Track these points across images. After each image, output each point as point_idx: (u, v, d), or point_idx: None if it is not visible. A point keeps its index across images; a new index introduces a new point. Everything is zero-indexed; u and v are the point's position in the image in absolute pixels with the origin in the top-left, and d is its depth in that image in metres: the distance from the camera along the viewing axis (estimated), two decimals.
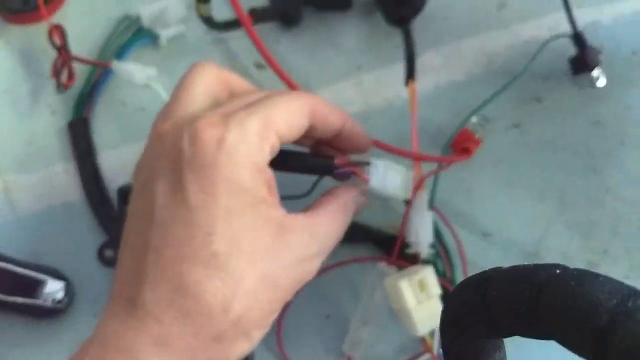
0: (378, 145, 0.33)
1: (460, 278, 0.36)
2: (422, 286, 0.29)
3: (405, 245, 0.32)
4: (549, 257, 0.38)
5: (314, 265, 0.25)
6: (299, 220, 0.25)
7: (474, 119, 0.39)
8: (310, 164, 0.29)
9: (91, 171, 0.38)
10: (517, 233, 0.38)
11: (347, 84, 0.43)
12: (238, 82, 0.29)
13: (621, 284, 0.14)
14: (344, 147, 0.30)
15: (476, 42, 0.45)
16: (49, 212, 0.39)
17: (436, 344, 0.31)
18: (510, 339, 0.17)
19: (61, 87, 0.40)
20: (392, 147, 0.33)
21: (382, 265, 0.32)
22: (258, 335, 0.24)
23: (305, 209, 0.27)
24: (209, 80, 0.27)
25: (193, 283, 0.21)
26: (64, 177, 0.40)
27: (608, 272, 0.37)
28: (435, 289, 0.30)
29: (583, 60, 0.43)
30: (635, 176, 0.40)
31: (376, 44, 0.45)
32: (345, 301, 0.36)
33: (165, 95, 0.39)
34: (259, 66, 0.43)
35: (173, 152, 0.23)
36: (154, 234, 0.22)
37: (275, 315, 0.24)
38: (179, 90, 0.27)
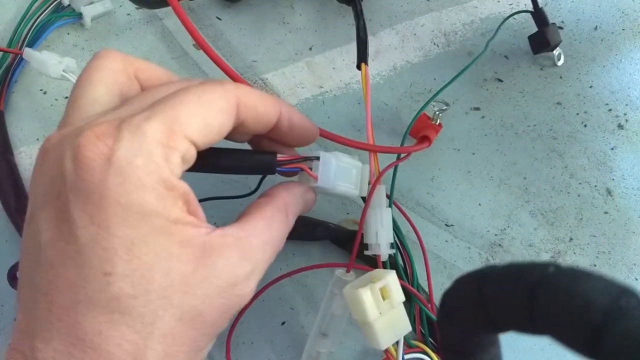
0: (328, 136, 0.29)
1: (422, 274, 0.33)
2: (385, 294, 0.26)
3: (364, 246, 0.30)
4: (514, 248, 0.36)
5: (248, 288, 0.21)
6: (227, 236, 0.20)
7: (433, 104, 0.37)
8: (248, 164, 0.25)
9: (7, 171, 0.33)
10: (480, 223, 0.36)
11: (297, 65, 0.39)
12: (152, 71, 0.24)
13: (613, 281, 0.14)
14: (286, 140, 0.26)
15: (433, 19, 0.42)
16: None
17: (400, 354, 0.28)
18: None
19: None
20: (344, 138, 0.29)
21: (340, 272, 0.29)
22: None
23: (237, 218, 0.23)
24: (113, 74, 0.22)
25: (92, 333, 0.17)
26: None
27: (574, 261, 0.35)
28: (399, 296, 0.27)
29: (544, 38, 0.40)
30: (598, 159, 0.38)
31: (328, 22, 0.41)
32: (301, 306, 0.33)
33: None
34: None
35: (56, 175, 0.19)
36: (42, 277, 0.18)
37: (205, 351, 0.21)
38: (74, 89, 0.22)
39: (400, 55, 0.40)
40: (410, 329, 0.27)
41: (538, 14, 0.40)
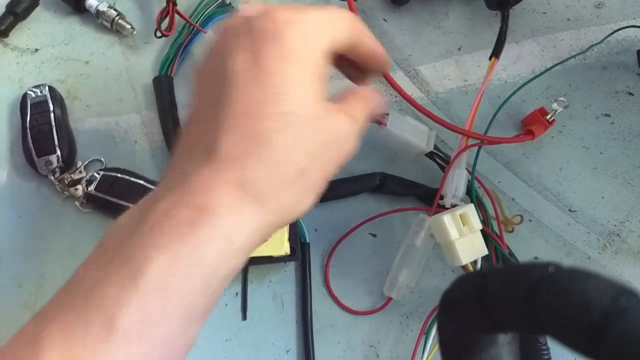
0: (427, 114, 0.36)
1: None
2: (464, 220, 0.33)
3: (440, 197, 0.36)
4: (631, 239, 0.39)
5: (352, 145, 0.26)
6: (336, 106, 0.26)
7: (556, 100, 0.40)
8: None
9: (172, 121, 0.42)
10: (602, 213, 0.40)
11: (446, 61, 0.46)
12: None
13: (613, 281, 0.14)
14: (366, 65, 0.30)
15: (572, 36, 0.47)
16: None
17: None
18: None
19: (159, 33, 0.43)
20: (443, 120, 0.36)
21: (423, 215, 0.36)
22: (314, 196, 0.24)
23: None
24: None
25: (267, 133, 0.22)
26: None
27: None
28: (477, 224, 0.33)
29: None
30: None
31: (477, 28, 0.47)
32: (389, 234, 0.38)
33: None
34: None
35: (247, 28, 0.23)
36: (231, 92, 0.23)
37: (324, 183, 0.25)
38: None
39: (539, 62, 0.46)
40: (486, 251, 0.34)
41: None
